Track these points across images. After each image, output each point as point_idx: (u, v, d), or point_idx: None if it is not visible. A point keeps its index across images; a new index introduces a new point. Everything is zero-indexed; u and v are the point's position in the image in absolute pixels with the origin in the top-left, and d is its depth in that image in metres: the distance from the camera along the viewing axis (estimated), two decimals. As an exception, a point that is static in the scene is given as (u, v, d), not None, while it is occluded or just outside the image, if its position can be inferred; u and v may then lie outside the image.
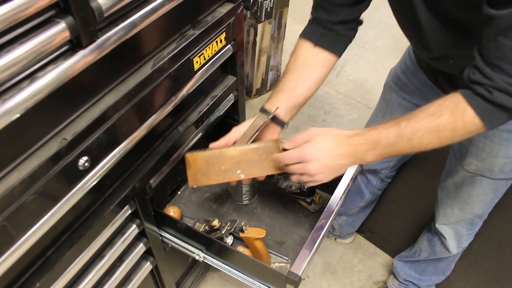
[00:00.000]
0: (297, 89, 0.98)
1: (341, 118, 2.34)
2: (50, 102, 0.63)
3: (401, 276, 1.57)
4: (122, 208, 0.88)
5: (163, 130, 0.97)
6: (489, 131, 0.94)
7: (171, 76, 0.88)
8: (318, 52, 0.98)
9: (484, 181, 1.07)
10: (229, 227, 1.02)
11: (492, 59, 0.69)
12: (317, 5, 0.98)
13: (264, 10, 2.03)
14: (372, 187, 1.54)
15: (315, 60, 0.98)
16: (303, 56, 0.99)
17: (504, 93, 0.69)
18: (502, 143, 0.97)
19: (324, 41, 0.98)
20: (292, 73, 0.98)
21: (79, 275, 0.85)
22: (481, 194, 1.11)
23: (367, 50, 2.79)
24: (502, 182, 1.08)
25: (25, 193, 0.63)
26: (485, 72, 0.70)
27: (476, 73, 0.72)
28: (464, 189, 1.13)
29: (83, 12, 0.62)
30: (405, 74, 1.19)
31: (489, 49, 0.69)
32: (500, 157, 0.99)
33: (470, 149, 1.03)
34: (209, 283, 1.65)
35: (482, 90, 0.71)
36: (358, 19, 0.99)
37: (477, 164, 1.04)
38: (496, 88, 0.70)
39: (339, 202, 1.02)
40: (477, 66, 0.71)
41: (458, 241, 1.29)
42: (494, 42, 0.67)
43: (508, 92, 0.69)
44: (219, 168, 0.94)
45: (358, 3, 0.95)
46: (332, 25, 0.97)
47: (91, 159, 0.73)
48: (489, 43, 0.68)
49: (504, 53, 0.67)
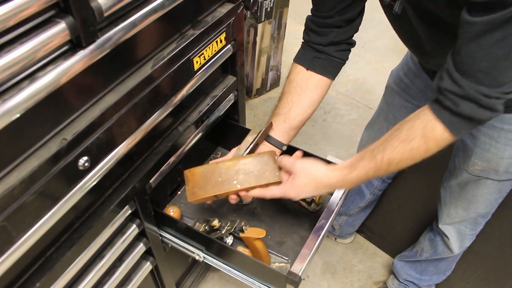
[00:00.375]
0: (291, 112, 1.01)
1: (341, 118, 2.34)
2: (50, 102, 0.63)
3: (401, 276, 1.57)
4: (122, 208, 0.88)
5: (163, 130, 0.97)
6: (495, 132, 0.95)
7: (171, 76, 0.88)
8: (310, 76, 1.01)
9: (488, 181, 1.07)
10: (229, 227, 1.02)
11: (463, 65, 0.70)
12: (308, 28, 1.01)
13: (264, 10, 2.03)
14: (372, 187, 1.53)
15: (307, 84, 1.01)
16: (296, 79, 1.02)
17: (472, 102, 0.71)
18: (507, 144, 0.97)
19: (315, 64, 1.00)
20: (287, 97, 1.02)
21: (79, 275, 0.85)
22: (486, 193, 1.11)
23: (367, 50, 2.79)
24: (507, 182, 1.08)
25: (25, 193, 0.63)
26: (455, 78, 0.71)
27: (445, 79, 0.73)
28: (469, 189, 1.13)
29: (83, 12, 0.62)
30: (407, 76, 1.19)
31: (461, 55, 0.70)
32: (506, 157, 0.99)
33: (475, 150, 1.03)
34: (209, 283, 1.65)
35: (448, 103, 0.73)
36: (349, 40, 1.00)
37: (483, 164, 1.03)
38: (464, 97, 0.71)
39: (339, 202, 1.02)
40: (448, 71, 0.72)
41: (461, 241, 1.28)
42: (467, 48, 0.68)
43: (476, 101, 0.71)
44: (216, 180, 0.96)
45: (348, 24, 0.96)
46: (323, 47, 0.99)
47: (91, 159, 0.73)
48: (461, 49, 0.69)
49: (474, 60, 0.68)
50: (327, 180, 0.88)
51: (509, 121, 0.94)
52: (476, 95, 0.70)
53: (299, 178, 0.90)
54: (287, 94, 1.02)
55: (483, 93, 0.70)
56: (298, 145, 1.08)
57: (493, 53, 0.66)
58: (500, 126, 0.95)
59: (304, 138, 2.22)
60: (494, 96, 0.70)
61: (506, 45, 0.65)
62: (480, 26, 0.65)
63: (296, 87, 1.01)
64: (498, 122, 0.95)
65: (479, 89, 0.70)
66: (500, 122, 0.95)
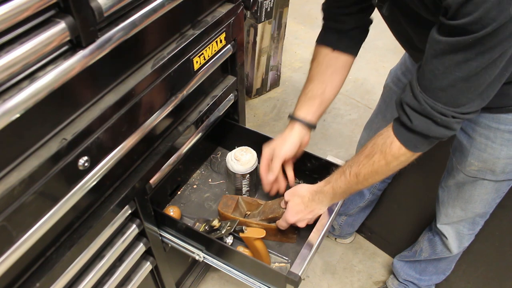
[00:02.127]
0: (325, 94, 1.05)
1: (341, 118, 2.34)
2: (50, 102, 0.63)
3: (401, 276, 1.57)
4: (122, 208, 0.88)
5: (163, 130, 0.97)
6: (491, 133, 0.96)
7: (171, 76, 0.88)
8: (338, 56, 1.03)
9: (485, 182, 1.07)
10: (229, 227, 1.02)
11: (425, 80, 0.73)
12: (327, 17, 1.03)
13: (264, 10, 2.03)
14: (372, 187, 1.53)
15: (337, 64, 1.04)
16: (325, 61, 1.04)
17: (427, 118, 0.74)
18: (504, 144, 0.97)
19: (341, 45, 1.03)
20: (319, 78, 1.04)
21: (79, 275, 0.85)
22: (483, 194, 1.11)
23: (367, 50, 2.79)
24: (505, 182, 1.08)
25: (25, 193, 0.63)
26: (415, 92, 0.74)
27: (407, 92, 0.76)
28: (466, 189, 1.13)
29: (83, 12, 0.62)
30: (405, 75, 1.19)
31: (424, 70, 0.73)
32: (502, 158, 0.99)
33: (471, 151, 1.03)
34: (209, 283, 1.65)
35: (405, 118, 0.77)
36: (368, 20, 1.04)
37: (479, 165, 1.04)
38: (420, 112, 0.74)
39: (339, 202, 1.02)
40: (411, 84, 0.76)
41: (460, 241, 1.28)
42: (430, 64, 0.71)
43: (431, 118, 0.74)
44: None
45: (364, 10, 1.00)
46: (345, 31, 1.02)
47: (91, 159, 0.73)
48: (425, 64, 0.72)
49: (436, 77, 0.71)
50: (308, 193, 0.97)
51: (504, 121, 0.94)
52: (432, 111, 0.73)
53: (290, 202, 1.00)
54: (318, 75, 1.04)
55: (439, 111, 0.73)
56: (298, 145, 1.08)
57: (454, 73, 0.69)
58: (496, 126, 0.95)
59: (304, 138, 2.22)
60: (450, 115, 0.73)
61: (467, 68, 0.68)
62: (445, 46, 0.68)
63: (328, 68, 1.04)
64: (494, 123, 0.95)
65: (436, 106, 0.73)
66: (496, 122, 0.95)
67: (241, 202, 1.12)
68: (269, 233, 1.06)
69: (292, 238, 1.08)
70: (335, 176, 0.92)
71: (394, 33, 1.00)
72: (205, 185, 1.23)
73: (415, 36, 0.90)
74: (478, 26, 0.63)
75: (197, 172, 1.26)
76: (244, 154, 1.11)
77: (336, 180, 0.91)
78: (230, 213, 1.08)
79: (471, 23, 0.63)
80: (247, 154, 1.11)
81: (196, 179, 1.24)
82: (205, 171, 1.26)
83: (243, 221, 1.06)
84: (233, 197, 1.11)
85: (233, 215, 1.07)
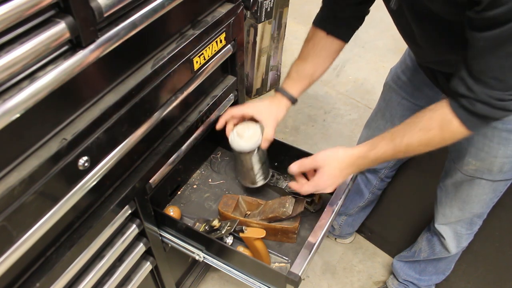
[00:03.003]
0: (315, 75, 1.09)
1: (341, 118, 2.34)
2: (50, 102, 0.63)
3: (401, 276, 1.57)
4: (122, 208, 0.88)
5: (163, 130, 0.97)
6: (488, 131, 0.97)
7: (171, 76, 0.88)
8: (333, 41, 1.06)
9: (483, 182, 1.08)
10: (229, 227, 1.02)
11: (475, 73, 0.75)
12: (327, 2, 1.05)
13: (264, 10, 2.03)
14: (371, 186, 1.54)
15: (331, 48, 1.07)
16: (320, 44, 1.07)
17: (486, 104, 0.76)
18: (501, 143, 0.97)
19: (337, 31, 1.05)
20: (313, 60, 1.07)
21: (79, 275, 0.85)
22: (481, 194, 1.11)
23: (367, 50, 2.79)
24: (502, 182, 1.08)
25: (25, 193, 0.63)
26: (469, 85, 0.76)
27: (460, 85, 0.78)
28: (463, 189, 1.13)
29: (83, 12, 0.62)
30: (405, 73, 1.20)
31: (472, 64, 0.75)
32: (499, 156, 0.99)
33: (469, 149, 1.03)
34: (209, 283, 1.65)
35: (465, 102, 0.78)
36: (366, 11, 1.05)
37: (477, 163, 1.04)
38: (479, 101, 0.76)
39: (339, 202, 1.02)
40: (462, 78, 0.77)
41: (458, 241, 1.29)
42: (477, 58, 0.73)
43: (489, 104, 0.76)
44: None
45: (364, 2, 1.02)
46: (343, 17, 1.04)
47: (91, 159, 0.73)
48: (472, 59, 0.74)
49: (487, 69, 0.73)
50: (349, 158, 0.93)
51: (502, 120, 0.94)
52: (489, 99, 0.75)
53: (324, 167, 0.94)
54: (313, 57, 1.07)
55: (496, 97, 0.75)
56: (298, 145, 1.09)
57: (504, 63, 0.71)
58: (494, 125, 0.96)
59: (304, 138, 2.22)
60: (507, 98, 0.75)
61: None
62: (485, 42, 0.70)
63: (322, 51, 1.07)
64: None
65: (492, 94, 0.74)
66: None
67: (241, 201, 1.12)
68: (269, 233, 1.06)
69: (292, 238, 1.08)
70: (382, 143, 0.89)
71: (399, 27, 1.01)
72: (205, 185, 1.23)
73: (418, 32, 0.91)
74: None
75: (197, 172, 1.26)
76: (247, 129, 1.05)
77: (383, 146, 0.89)
78: (230, 213, 1.08)
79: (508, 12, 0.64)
80: (250, 129, 1.05)
81: (196, 179, 1.24)
82: (205, 171, 1.26)
83: (243, 221, 1.06)
84: (233, 197, 1.11)
85: (233, 215, 1.07)
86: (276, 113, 1.08)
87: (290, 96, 1.09)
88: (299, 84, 1.09)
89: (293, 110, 2.38)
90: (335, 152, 0.94)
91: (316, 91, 2.48)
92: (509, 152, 0.99)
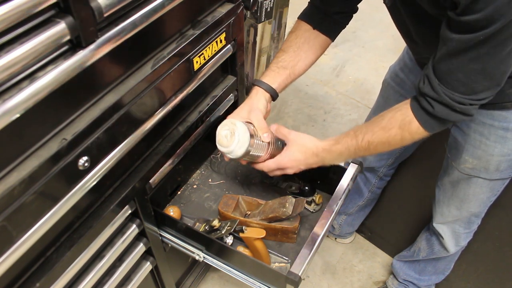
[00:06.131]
0: (297, 67, 1.05)
1: (341, 118, 2.34)
2: (50, 102, 0.63)
3: (400, 276, 1.57)
4: (122, 208, 0.88)
5: (163, 130, 0.97)
6: (485, 129, 0.98)
7: (171, 76, 0.88)
8: (317, 35, 1.05)
9: (480, 180, 1.08)
10: (229, 227, 1.02)
11: (442, 73, 0.77)
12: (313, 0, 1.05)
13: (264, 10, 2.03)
14: (371, 185, 1.54)
15: (314, 43, 1.05)
16: (304, 36, 1.05)
17: (446, 106, 0.78)
18: (497, 141, 0.98)
19: (322, 25, 1.05)
20: (295, 51, 1.05)
21: (79, 275, 0.85)
22: (478, 193, 1.12)
23: (367, 50, 2.79)
24: (499, 181, 1.08)
25: (25, 193, 0.63)
26: (433, 84, 0.78)
27: (425, 84, 0.80)
28: (461, 187, 1.13)
29: (83, 12, 0.62)
30: (403, 71, 1.20)
31: (440, 64, 0.76)
32: (496, 155, 1.00)
33: (466, 147, 1.04)
34: (209, 283, 1.65)
35: (425, 104, 0.80)
36: (353, 8, 1.05)
37: (473, 162, 1.04)
38: (440, 102, 0.78)
39: (339, 202, 1.02)
40: (428, 77, 0.79)
41: (456, 240, 1.29)
42: (445, 59, 0.75)
43: (449, 106, 0.78)
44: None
45: None
46: (329, 13, 1.03)
47: (91, 159, 0.73)
48: (441, 59, 0.76)
49: (452, 71, 0.75)
50: (315, 148, 0.96)
51: (498, 118, 0.95)
52: (450, 102, 0.77)
53: (291, 146, 0.98)
54: (294, 47, 1.05)
55: (458, 101, 0.77)
56: (298, 145, 1.08)
57: (469, 67, 0.73)
58: (490, 123, 0.96)
59: (304, 138, 2.22)
60: (467, 103, 0.77)
61: (481, 62, 0.72)
62: (457, 43, 0.71)
63: (304, 44, 1.05)
64: (488, 119, 0.96)
65: (454, 96, 0.76)
66: (490, 119, 0.96)
67: (241, 201, 1.12)
68: (269, 233, 1.06)
69: (292, 238, 1.08)
70: (346, 139, 0.92)
71: (396, 23, 1.01)
72: (205, 185, 1.23)
73: (413, 28, 0.92)
74: (488, 22, 0.65)
75: (197, 172, 1.26)
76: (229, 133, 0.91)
77: (347, 142, 0.92)
78: (231, 213, 1.08)
79: (481, 20, 0.65)
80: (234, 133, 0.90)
81: (196, 179, 1.24)
82: (205, 171, 1.26)
83: (243, 221, 1.06)
84: (233, 197, 1.11)
85: (233, 215, 1.07)
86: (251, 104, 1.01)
87: (266, 86, 1.02)
88: (277, 75, 1.04)
89: (293, 110, 2.38)
90: (306, 138, 0.98)
91: (316, 91, 2.48)
92: (506, 151, 0.99)
